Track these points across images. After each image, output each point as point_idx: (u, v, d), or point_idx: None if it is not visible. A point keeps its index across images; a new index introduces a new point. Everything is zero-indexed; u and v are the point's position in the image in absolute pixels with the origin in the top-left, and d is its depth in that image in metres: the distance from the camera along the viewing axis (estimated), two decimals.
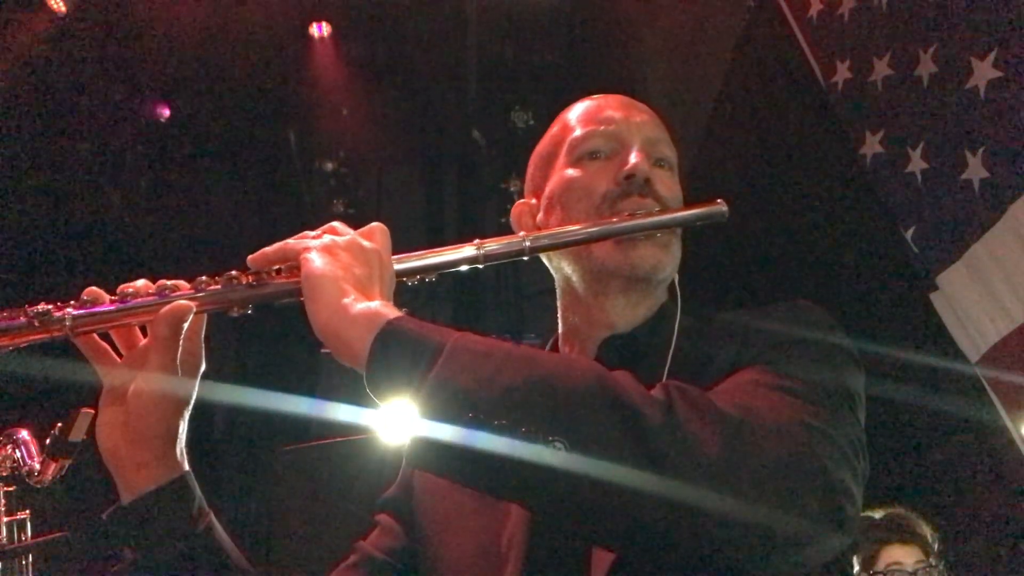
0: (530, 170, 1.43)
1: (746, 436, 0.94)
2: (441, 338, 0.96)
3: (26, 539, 1.74)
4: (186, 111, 5.53)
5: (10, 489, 1.68)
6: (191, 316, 1.08)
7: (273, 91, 5.74)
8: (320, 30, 5.62)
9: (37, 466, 1.55)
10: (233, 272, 1.09)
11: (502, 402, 0.91)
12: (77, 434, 1.39)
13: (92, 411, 1.17)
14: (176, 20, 4.94)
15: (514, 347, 0.99)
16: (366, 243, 1.09)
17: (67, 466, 1.49)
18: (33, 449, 1.57)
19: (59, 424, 1.42)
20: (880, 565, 2.79)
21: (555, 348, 1.40)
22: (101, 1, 4.81)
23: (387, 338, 0.96)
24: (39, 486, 1.55)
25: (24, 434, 1.58)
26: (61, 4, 4.69)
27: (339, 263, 1.04)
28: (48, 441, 1.47)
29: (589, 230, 1.24)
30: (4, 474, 1.60)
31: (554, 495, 0.91)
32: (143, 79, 5.29)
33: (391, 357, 0.95)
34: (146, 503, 1.13)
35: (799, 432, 0.98)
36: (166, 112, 5.54)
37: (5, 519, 1.70)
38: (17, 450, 1.57)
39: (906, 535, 2.82)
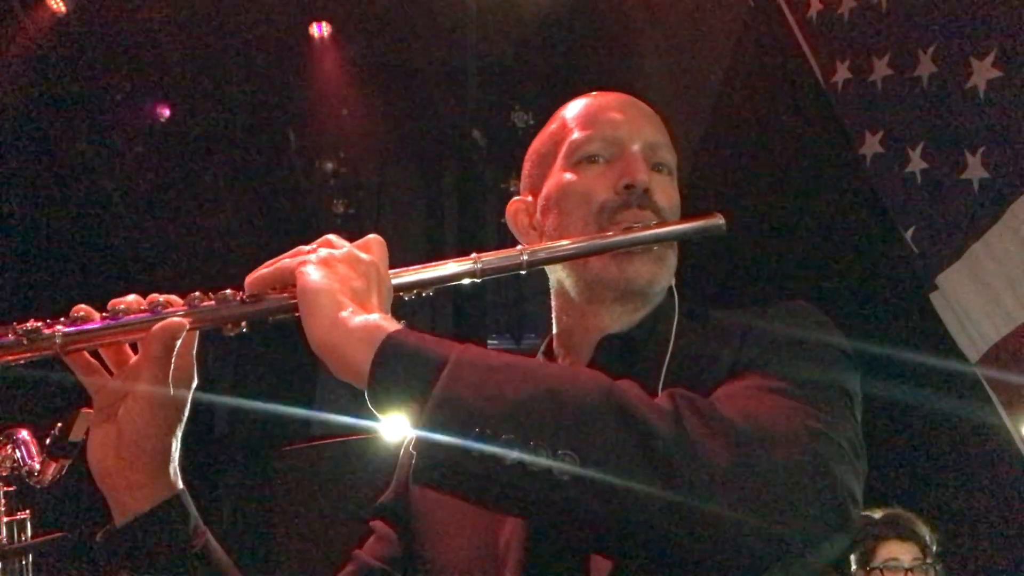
0: (526, 167, 1.42)
1: (754, 445, 0.94)
2: (443, 351, 0.94)
3: (26, 539, 1.73)
4: (186, 111, 5.53)
5: (10, 489, 1.67)
6: (184, 333, 1.05)
7: (273, 91, 5.74)
8: (320, 30, 5.63)
9: (37, 466, 1.54)
10: (228, 291, 1.06)
11: (509, 417, 0.89)
12: (77, 434, 1.39)
13: (92, 411, 1.16)
14: (176, 20, 4.94)
15: (517, 359, 0.98)
16: (363, 255, 1.06)
17: (67, 466, 1.48)
18: (33, 449, 1.56)
19: (59, 424, 1.41)
20: (877, 561, 2.80)
21: (549, 348, 1.39)
22: (101, 1, 4.81)
23: (388, 352, 0.94)
24: (39, 486, 1.55)
25: (24, 434, 1.58)
26: (61, 4, 4.70)
27: (336, 276, 1.02)
28: (48, 441, 1.46)
29: (586, 245, 1.22)
30: (4, 474, 1.60)
31: (564, 509, 0.90)
32: (143, 79, 5.29)
33: (393, 372, 0.93)
34: (140, 525, 1.11)
35: (804, 437, 0.98)
36: (166, 112, 5.54)
37: (5, 519, 1.70)
38: (17, 450, 1.57)
39: (904, 532, 2.83)
